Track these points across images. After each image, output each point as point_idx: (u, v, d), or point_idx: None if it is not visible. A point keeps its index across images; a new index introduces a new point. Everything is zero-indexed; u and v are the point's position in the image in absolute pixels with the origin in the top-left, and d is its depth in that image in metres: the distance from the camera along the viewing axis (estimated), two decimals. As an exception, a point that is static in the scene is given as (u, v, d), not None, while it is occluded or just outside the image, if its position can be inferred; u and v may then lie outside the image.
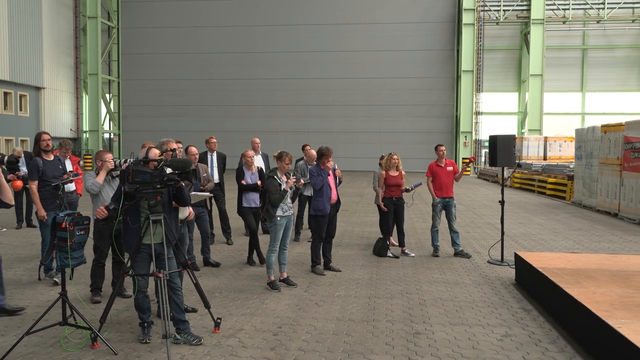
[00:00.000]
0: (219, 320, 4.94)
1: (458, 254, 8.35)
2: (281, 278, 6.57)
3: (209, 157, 9.19)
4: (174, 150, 4.85)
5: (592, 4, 31.38)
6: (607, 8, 31.05)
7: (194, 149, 7.52)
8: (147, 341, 4.60)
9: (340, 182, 7.58)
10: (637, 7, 30.95)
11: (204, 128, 32.80)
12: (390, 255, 8.26)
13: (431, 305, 5.79)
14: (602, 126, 14.49)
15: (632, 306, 4.57)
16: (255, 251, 7.82)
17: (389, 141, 32.29)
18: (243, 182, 7.85)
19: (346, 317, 5.37)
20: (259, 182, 7.82)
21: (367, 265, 7.73)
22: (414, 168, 27.67)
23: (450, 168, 8.46)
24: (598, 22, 31.79)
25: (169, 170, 4.54)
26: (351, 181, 24.66)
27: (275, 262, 6.47)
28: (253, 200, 7.84)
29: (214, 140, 9.42)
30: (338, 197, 7.37)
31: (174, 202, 4.86)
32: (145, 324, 4.69)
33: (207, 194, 6.22)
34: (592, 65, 34.00)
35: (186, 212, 5.30)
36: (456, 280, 6.89)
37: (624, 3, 31.06)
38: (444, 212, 8.46)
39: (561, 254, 7.38)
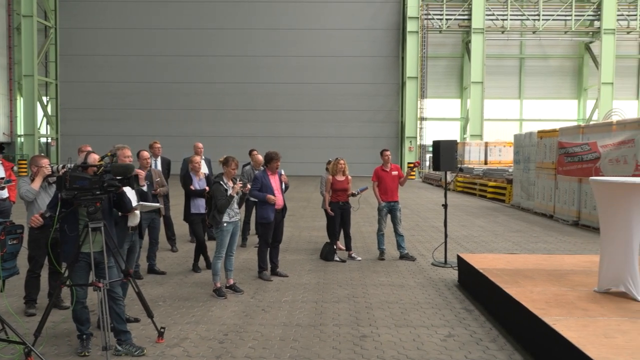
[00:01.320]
0: (162, 330, 4.81)
1: (403, 256, 8.50)
2: (227, 285, 6.48)
3: (153, 162, 8.97)
4: (114, 155, 4.70)
5: (528, 15, 32.78)
6: (542, 20, 32.53)
7: (145, 154, 7.42)
8: (86, 354, 4.43)
9: (287, 187, 7.57)
10: (569, 20, 32.59)
11: (147, 132, 31.88)
12: (337, 259, 8.31)
13: (377, 308, 5.86)
14: (539, 132, 15.16)
15: (565, 304, 4.79)
16: (202, 256, 7.73)
17: (336, 146, 32.51)
18: (192, 187, 7.74)
19: (293, 322, 5.35)
20: (207, 188, 7.73)
21: (314, 270, 7.75)
22: (360, 172, 27.96)
23: (395, 172, 8.61)
24: (534, 32, 33.24)
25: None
26: (298, 186, 24.67)
27: (221, 268, 6.38)
28: (201, 206, 7.77)
29: (158, 145, 9.22)
30: (284, 203, 7.35)
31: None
32: (84, 336, 4.51)
33: (157, 204, 6.05)
34: (529, 73, 35.50)
35: (137, 219, 5.14)
36: (401, 282, 7.01)
37: (557, 15, 32.63)
38: (389, 215, 8.60)
39: (501, 255, 7.66)
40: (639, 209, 4.93)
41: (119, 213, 4.80)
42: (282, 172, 7.40)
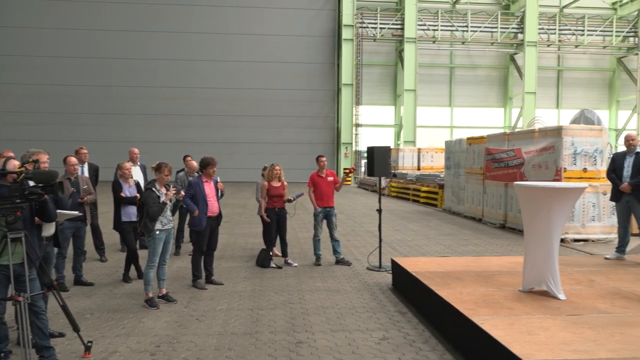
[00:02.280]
0: (89, 344, 4.60)
1: (339, 262, 8.57)
2: (160, 294, 6.29)
3: (79, 168, 8.59)
4: (36, 161, 4.47)
5: (457, 26, 34.13)
6: (470, 31, 33.97)
7: (73, 159, 7.16)
8: (5, 372, 4.16)
9: (222, 194, 7.46)
10: (495, 32, 34.19)
11: (74, 137, 30.53)
12: (274, 265, 8.27)
13: (313, 313, 5.87)
14: (468, 139, 15.76)
15: (492, 303, 4.99)
16: (134, 266, 7.48)
17: (272, 152, 32.46)
18: (122, 194, 7.48)
19: (228, 330, 5.27)
20: (137, 196, 7.49)
21: (250, 277, 7.67)
22: (297, 178, 28.09)
23: (331, 178, 8.69)
24: (463, 43, 34.64)
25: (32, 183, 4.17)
26: (235, 192, 24.40)
27: (153, 278, 6.19)
28: (132, 213, 7.52)
29: (85, 151, 8.86)
30: (220, 210, 7.24)
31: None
32: (2, 354, 4.24)
33: (75, 212, 5.73)
34: (459, 82, 36.94)
35: (52, 229, 4.89)
36: (337, 287, 7.07)
37: (484, 27, 34.17)
38: (325, 221, 8.66)
39: (432, 258, 7.89)
40: (559, 211, 5.23)
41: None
42: (218, 180, 7.29)
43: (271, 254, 8.45)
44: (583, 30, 34.56)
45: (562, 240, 10.60)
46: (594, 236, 11.15)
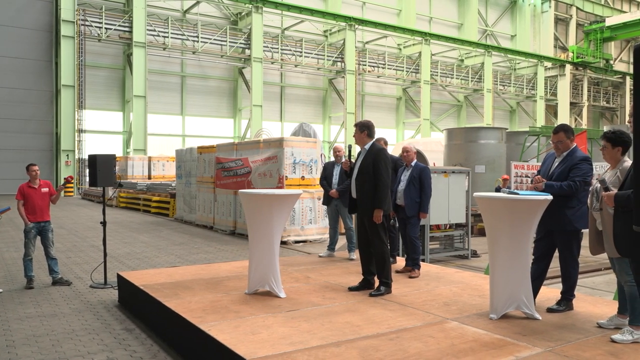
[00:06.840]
0: None
1: (57, 282, 7.71)
2: None
3: None
4: None
5: (188, 35, 34.27)
6: (201, 42, 34.50)
7: None
8: None
9: None
10: (224, 45, 35.42)
11: None
12: (-30, 294, 6.98)
13: (22, 345, 5.12)
14: (199, 148, 15.95)
15: (220, 309, 5.11)
16: None
17: (-29, 159, 27.48)
18: None
19: None
20: None
21: (-64, 311, 6.31)
22: (4, 190, 24.35)
23: (45, 189, 7.78)
24: (194, 53, 34.94)
25: None
26: None
27: None
28: None
29: None
30: None
31: None
32: None
33: None
34: (191, 91, 37.08)
35: None
36: (54, 311, 6.32)
37: (214, 40, 35.09)
38: (39, 237, 7.70)
39: (162, 269, 7.71)
40: (278, 216, 5.67)
41: None
42: None
43: (-33, 280, 7.11)
44: (301, 52, 38.39)
45: (285, 243, 11.55)
46: (312, 237, 12.45)
